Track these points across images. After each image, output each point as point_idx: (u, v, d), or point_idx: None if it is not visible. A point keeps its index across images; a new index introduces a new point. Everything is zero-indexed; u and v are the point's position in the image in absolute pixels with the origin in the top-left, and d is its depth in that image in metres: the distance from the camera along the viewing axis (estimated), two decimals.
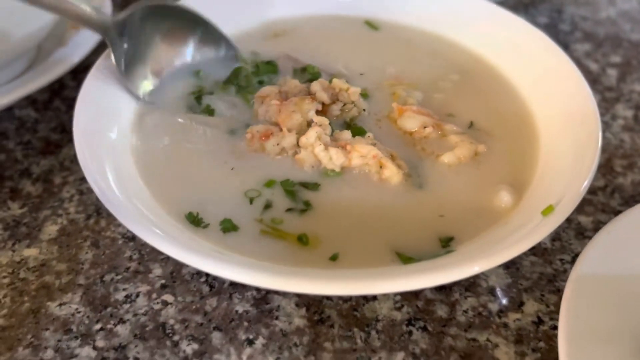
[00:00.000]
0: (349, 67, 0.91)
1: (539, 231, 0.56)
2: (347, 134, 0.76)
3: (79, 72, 0.98)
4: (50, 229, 0.78)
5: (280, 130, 0.76)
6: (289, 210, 0.69)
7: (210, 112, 0.81)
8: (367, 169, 0.73)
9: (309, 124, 0.76)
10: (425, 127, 0.79)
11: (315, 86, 0.80)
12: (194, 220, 0.67)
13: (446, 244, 0.66)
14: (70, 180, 0.85)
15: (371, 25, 0.99)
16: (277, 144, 0.75)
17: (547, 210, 0.59)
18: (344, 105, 0.81)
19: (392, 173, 0.72)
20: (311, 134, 0.74)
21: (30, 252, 0.75)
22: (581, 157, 0.67)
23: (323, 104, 0.80)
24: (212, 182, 0.72)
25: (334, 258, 0.64)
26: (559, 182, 0.64)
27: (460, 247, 0.64)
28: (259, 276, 0.55)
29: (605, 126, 0.96)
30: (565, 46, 1.15)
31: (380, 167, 0.72)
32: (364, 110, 0.81)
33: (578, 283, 0.60)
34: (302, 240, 0.66)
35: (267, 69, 0.88)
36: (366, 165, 0.73)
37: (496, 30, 0.92)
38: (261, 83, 0.86)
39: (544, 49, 0.86)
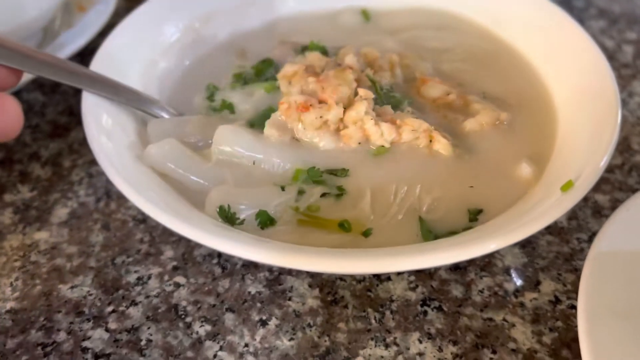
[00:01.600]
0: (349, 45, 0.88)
1: (558, 208, 0.55)
2: (388, 109, 0.73)
3: (86, 54, 0.97)
4: (61, 212, 0.77)
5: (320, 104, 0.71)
6: (323, 195, 0.66)
7: (228, 106, 0.78)
8: (417, 143, 0.70)
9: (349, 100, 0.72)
10: (448, 94, 0.78)
11: (348, 57, 0.77)
12: (227, 217, 0.63)
13: (474, 216, 0.65)
14: (79, 163, 0.84)
15: (366, 14, 0.97)
16: (320, 117, 0.69)
17: (567, 186, 0.58)
18: (375, 73, 0.78)
19: (443, 145, 0.70)
20: (361, 108, 0.69)
21: (41, 235, 0.75)
22: (599, 133, 0.65)
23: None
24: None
25: (366, 234, 0.63)
26: (578, 157, 0.63)
27: (486, 220, 0.63)
28: (264, 253, 0.53)
29: (623, 104, 0.93)
30: (580, 23, 1.11)
31: (430, 140, 0.70)
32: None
33: (597, 261, 0.59)
34: (344, 226, 0.63)
35: (265, 66, 0.84)
36: (416, 140, 0.70)
37: (507, 6, 0.90)
38: (267, 81, 0.81)
39: (558, 23, 0.84)
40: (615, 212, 0.64)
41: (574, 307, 0.66)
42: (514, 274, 0.69)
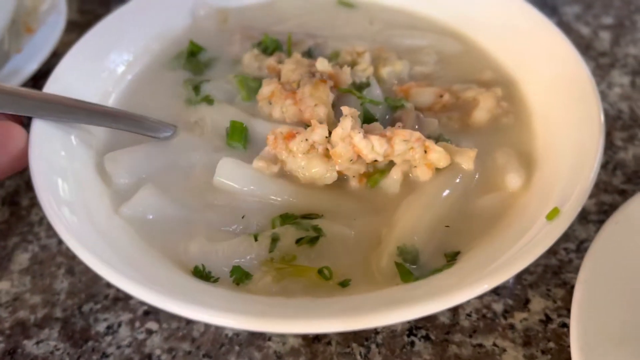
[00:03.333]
0: (330, 36, 0.86)
1: (546, 239, 0.52)
2: (377, 125, 0.69)
3: (39, 77, 0.91)
4: (21, 258, 0.73)
5: (305, 128, 0.68)
6: (299, 241, 0.61)
7: (209, 100, 0.76)
8: (412, 155, 0.65)
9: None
10: (442, 96, 0.75)
11: (320, 62, 0.74)
12: (202, 275, 0.59)
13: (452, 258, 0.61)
14: (38, 201, 0.79)
15: (345, 3, 0.93)
16: (306, 140, 0.65)
17: (552, 214, 0.55)
18: (354, 67, 0.76)
19: (439, 155, 0.65)
20: (346, 124, 0.64)
21: (2, 286, 0.70)
22: (582, 154, 0.61)
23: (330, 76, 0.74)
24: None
25: (344, 284, 0.58)
26: (561, 178, 0.59)
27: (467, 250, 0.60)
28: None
29: (602, 96, 0.90)
30: (554, 9, 1.09)
31: (425, 151, 0.66)
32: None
33: (587, 284, 0.57)
34: (324, 273, 0.58)
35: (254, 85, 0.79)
36: (411, 151, 0.65)
37: (478, 6, 0.86)
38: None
39: (527, 18, 0.80)
40: (603, 227, 0.62)
41: (565, 325, 0.64)
42: (501, 293, 0.67)
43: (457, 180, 0.66)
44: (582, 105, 0.65)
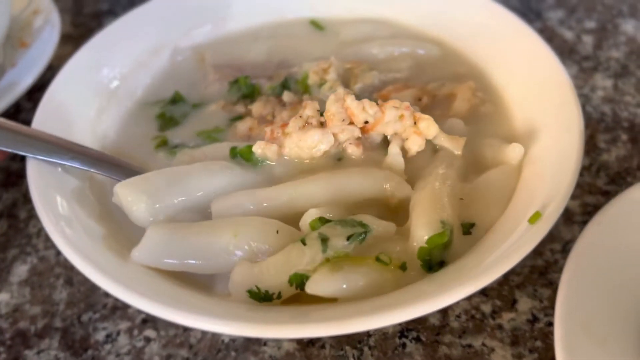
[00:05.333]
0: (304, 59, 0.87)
1: (528, 242, 0.54)
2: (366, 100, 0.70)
3: (34, 91, 0.93)
4: (20, 270, 0.74)
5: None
6: (349, 237, 0.59)
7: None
8: (403, 124, 0.67)
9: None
10: (420, 99, 0.77)
11: (286, 95, 0.77)
12: (263, 297, 0.57)
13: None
14: (36, 213, 0.80)
15: (317, 24, 0.95)
16: (300, 116, 0.68)
17: (534, 218, 0.57)
18: (321, 87, 0.78)
19: (427, 123, 0.67)
20: (340, 90, 0.69)
21: (1, 298, 0.71)
22: (562, 161, 0.63)
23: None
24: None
25: (403, 267, 0.58)
26: (544, 185, 0.61)
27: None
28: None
29: (585, 99, 0.93)
30: (538, 14, 1.11)
31: (415, 122, 0.68)
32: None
33: (570, 284, 0.59)
34: (382, 260, 0.57)
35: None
36: (401, 119, 0.67)
37: (456, 11, 0.88)
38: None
39: (506, 23, 0.82)
40: (586, 228, 0.64)
41: (551, 324, 0.66)
42: (490, 294, 0.69)
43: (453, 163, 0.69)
44: (563, 110, 0.67)
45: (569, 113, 0.67)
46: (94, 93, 0.80)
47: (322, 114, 0.70)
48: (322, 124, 0.69)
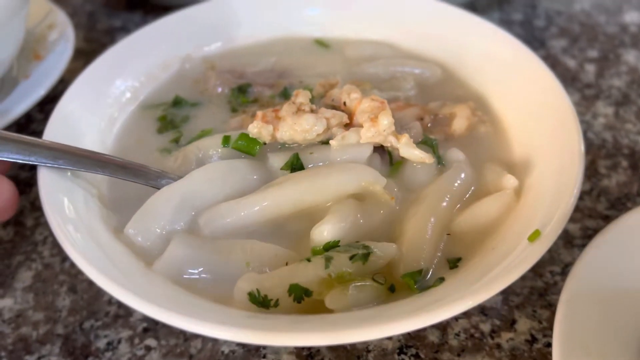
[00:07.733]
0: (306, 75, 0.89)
1: (528, 259, 0.54)
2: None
3: (45, 103, 0.95)
4: (25, 276, 0.75)
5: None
6: (352, 257, 0.60)
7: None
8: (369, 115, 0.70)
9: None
10: (422, 119, 0.79)
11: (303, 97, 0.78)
12: (261, 302, 0.58)
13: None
14: (42, 221, 0.82)
15: (321, 43, 0.97)
16: (293, 103, 0.72)
17: (534, 236, 0.57)
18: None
19: (385, 115, 0.69)
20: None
21: (5, 303, 0.72)
22: (563, 181, 0.64)
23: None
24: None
25: (392, 289, 0.61)
26: (544, 204, 0.62)
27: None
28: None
29: (587, 126, 0.95)
30: (542, 43, 1.13)
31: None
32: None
33: (569, 304, 0.59)
34: (378, 280, 0.60)
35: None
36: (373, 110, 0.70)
37: (462, 36, 0.89)
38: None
39: (511, 50, 0.83)
40: (586, 250, 0.64)
41: (550, 345, 0.66)
42: (489, 314, 0.69)
43: (456, 184, 0.70)
44: (564, 134, 0.68)
45: (570, 138, 0.68)
46: (105, 105, 0.81)
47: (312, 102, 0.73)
48: (312, 111, 0.72)
